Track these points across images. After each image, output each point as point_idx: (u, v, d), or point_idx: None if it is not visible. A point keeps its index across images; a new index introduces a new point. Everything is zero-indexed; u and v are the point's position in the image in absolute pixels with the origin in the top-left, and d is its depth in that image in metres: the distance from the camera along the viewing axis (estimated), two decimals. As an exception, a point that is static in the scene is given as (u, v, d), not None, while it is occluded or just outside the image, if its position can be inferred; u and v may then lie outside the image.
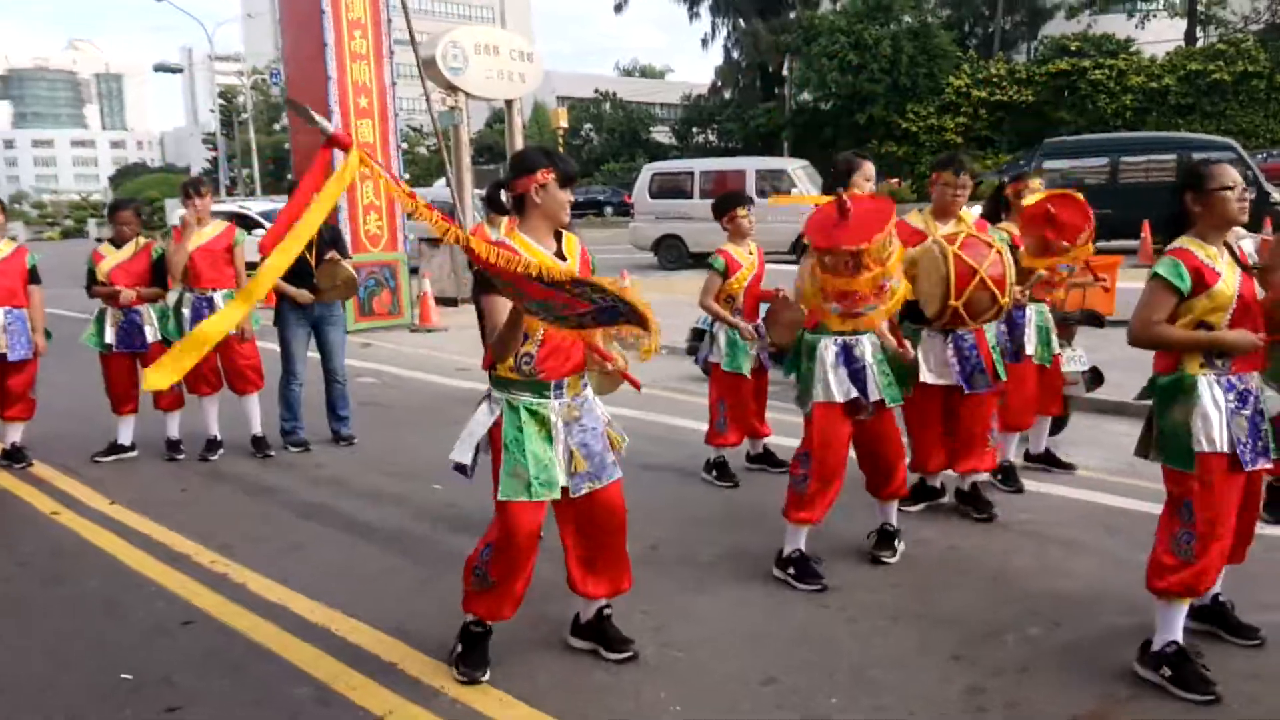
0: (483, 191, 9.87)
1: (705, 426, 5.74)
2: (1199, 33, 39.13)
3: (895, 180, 36.23)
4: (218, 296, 6.25)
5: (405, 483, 5.70)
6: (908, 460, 4.43)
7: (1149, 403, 3.28)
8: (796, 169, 19.25)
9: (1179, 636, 3.17)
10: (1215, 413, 3.08)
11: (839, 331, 4.01)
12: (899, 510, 4.52)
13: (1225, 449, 3.07)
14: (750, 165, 19.88)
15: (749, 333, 5.38)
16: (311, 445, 6.52)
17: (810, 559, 4.11)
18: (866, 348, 4.07)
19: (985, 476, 5.01)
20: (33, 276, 6.10)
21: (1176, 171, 16.27)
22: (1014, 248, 5.16)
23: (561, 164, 3.19)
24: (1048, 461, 5.61)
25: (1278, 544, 4.28)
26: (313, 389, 6.70)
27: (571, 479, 3.19)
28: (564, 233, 3.29)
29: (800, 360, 4.17)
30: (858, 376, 4.02)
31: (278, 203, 18.89)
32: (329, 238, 6.35)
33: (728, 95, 47.99)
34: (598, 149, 52.28)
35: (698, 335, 6.21)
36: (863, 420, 4.09)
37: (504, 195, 3.21)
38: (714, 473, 5.65)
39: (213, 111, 58.87)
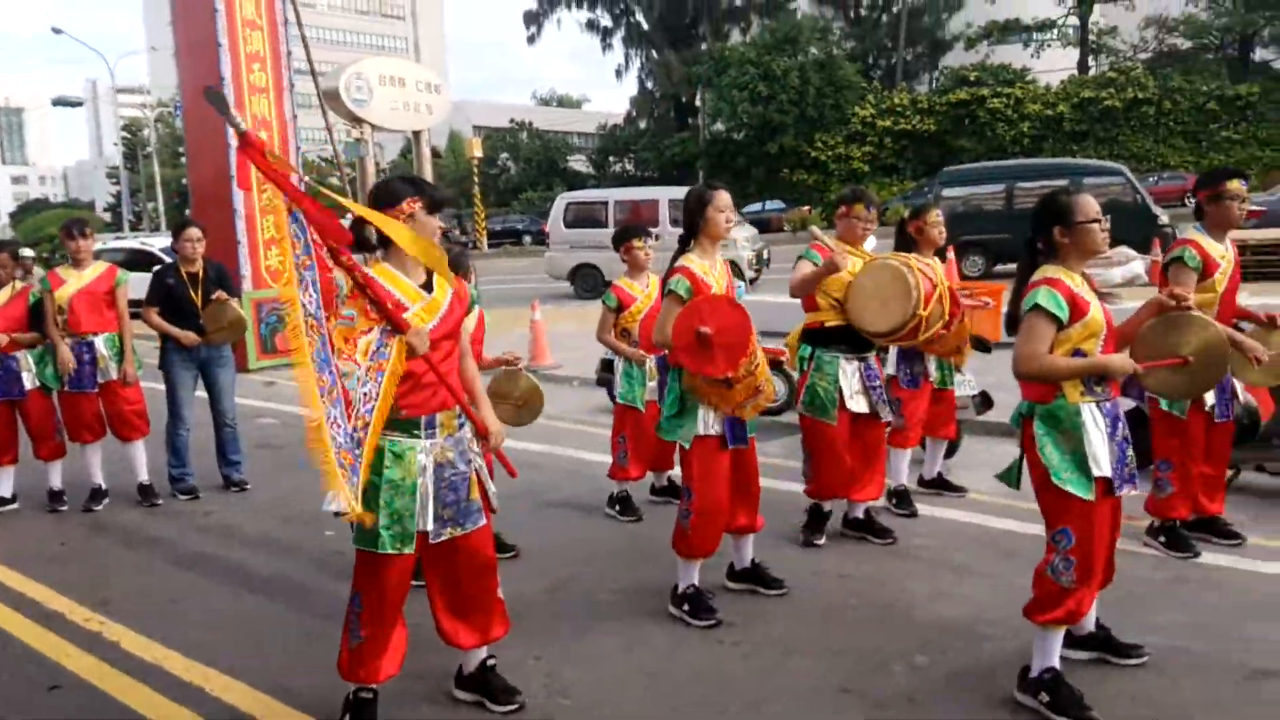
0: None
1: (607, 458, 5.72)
2: (1091, 61, 40.98)
3: (806, 208, 36.99)
4: (99, 341, 6.01)
5: (297, 529, 5.53)
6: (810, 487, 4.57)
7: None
8: (708, 198, 19.49)
9: (1056, 663, 3.21)
10: (1100, 439, 3.12)
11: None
12: (810, 545, 4.71)
13: (1109, 473, 3.11)
14: (664, 195, 20.02)
15: (640, 358, 5.36)
16: (201, 492, 6.29)
17: (704, 594, 4.08)
18: None
19: (881, 502, 5.11)
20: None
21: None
22: None
23: (429, 190, 3.09)
24: (940, 485, 5.71)
25: (1161, 565, 4.42)
26: (204, 432, 6.49)
27: (434, 524, 3.05)
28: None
29: (679, 392, 4.05)
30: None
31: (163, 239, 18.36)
32: (214, 276, 6.17)
33: (643, 125, 48.52)
34: (515, 178, 52.24)
35: (607, 367, 6.17)
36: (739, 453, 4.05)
37: (370, 231, 3.04)
38: (617, 508, 5.61)
39: (116, 145, 57.29)
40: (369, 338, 2.82)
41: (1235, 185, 4.37)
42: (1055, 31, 42.36)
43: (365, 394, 2.80)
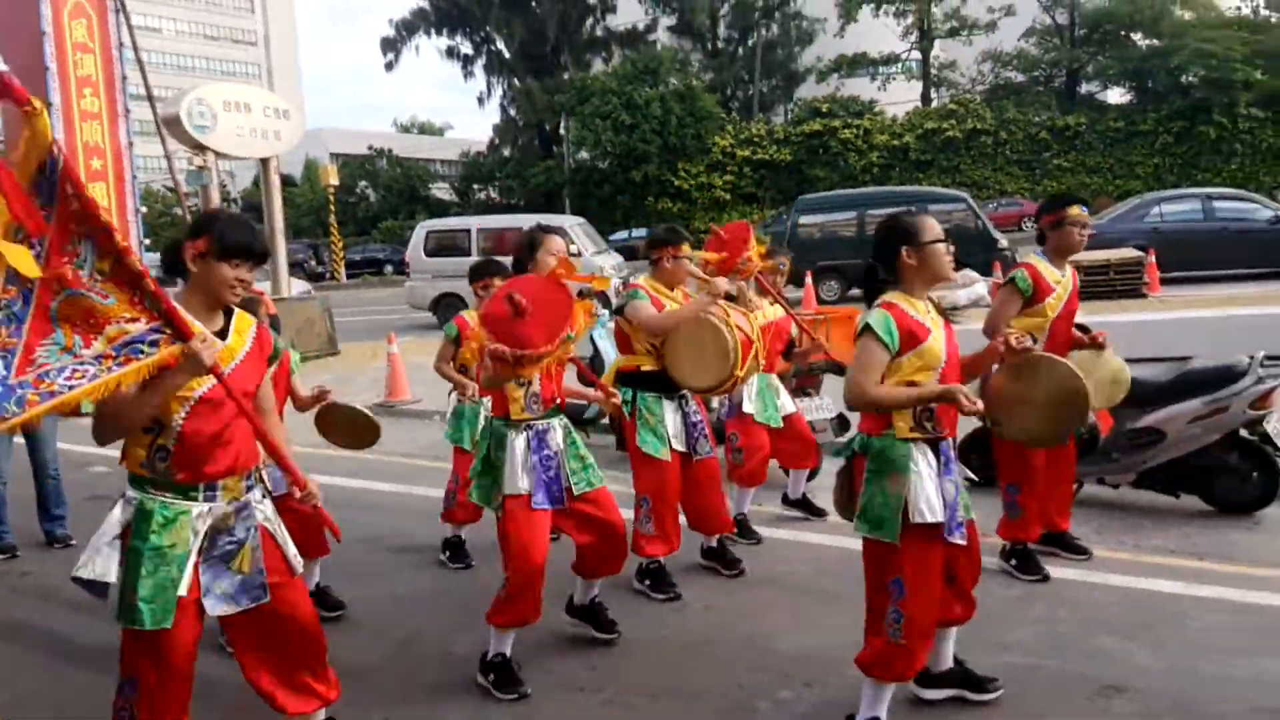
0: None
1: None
2: (933, 94, 43.05)
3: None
4: None
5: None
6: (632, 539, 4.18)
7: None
8: (574, 226, 19.42)
9: (883, 715, 3.11)
10: (929, 481, 2.99)
11: (525, 420, 3.69)
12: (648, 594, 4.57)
13: (940, 518, 2.97)
14: (528, 223, 19.83)
15: (472, 394, 5.02)
16: (20, 550, 5.75)
17: (512, 664, 3.72)
18: (558, 433, 3.75)
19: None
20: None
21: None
22: None
23: (224, 233, 2.69)
24: (803, 507, 5.72)
25: (1012, 585, 4.50)
26: (23, 486, 5.94)
27: (209, 597, 2.71)
28: (236, 311, 2.86)
29: (489, 449, 3.75)
30: (548, 464, 3.67)
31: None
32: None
33: (507, 153, 48.27)
34: (374, 206, 51.05)
35: None
36: (566, 510, 3.74)
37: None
38: (447, 553, 5.30)
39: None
40: (128, 327, 2.43)
41: (1075, 211, 4.42)
42: (900, 65, 44.34)
43: (75, 370, 2.37)
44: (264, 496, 2.92)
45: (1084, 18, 39.57)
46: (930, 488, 2.99)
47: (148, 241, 12.46)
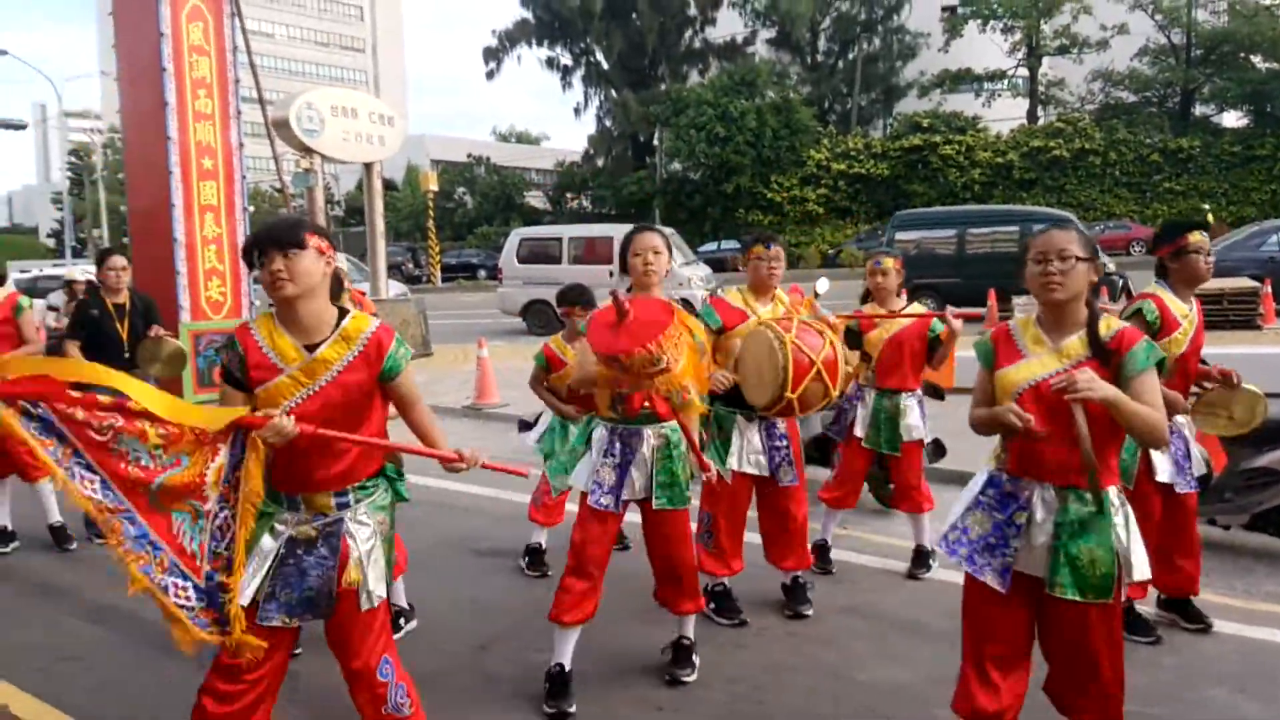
0: (350, 255, 9.43)
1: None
2: (1040, 112, 41.92)
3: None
4: None
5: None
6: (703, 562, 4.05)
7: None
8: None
9: None
10: (967, 495, 2.94)
11: (611, 420, 3.72)
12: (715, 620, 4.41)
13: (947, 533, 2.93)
14: (619, 232, 19.93)
15: (570, 415, 5.04)
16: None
17: (567, 675, 3.69)
18: (646, 442, 3.70)
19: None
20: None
21: (1019, 243, 17.10)
22: (858, 333, 5.12)
23: (250, 240, 2.64)
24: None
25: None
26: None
27: (270, 603, 2.65)
28: (353, 314, 2.72)
29: (586, 438, 3.79)
30: (619, 468, 3.67)
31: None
32: (141, 308, 5.90)
33: (600, 163, 48.70)
34: (471, 212, 52.05)
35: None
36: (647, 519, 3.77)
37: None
38: (526, 559, 5.32)
39: (62, 170, 56.28)
40: (217, 462, 2.49)
41: (1196, 238, 4.04)
42: (1005, 82, 43.33)
43: (220, 524, 2.51)
44: (368, 516, 2.77)
45: (1200, 38, 38.07)
46: (968, 517, 2.97)
47: (254, 239, 12.83)
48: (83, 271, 18.59)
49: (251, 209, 13.05)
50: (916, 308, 5.19)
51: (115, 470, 2.41)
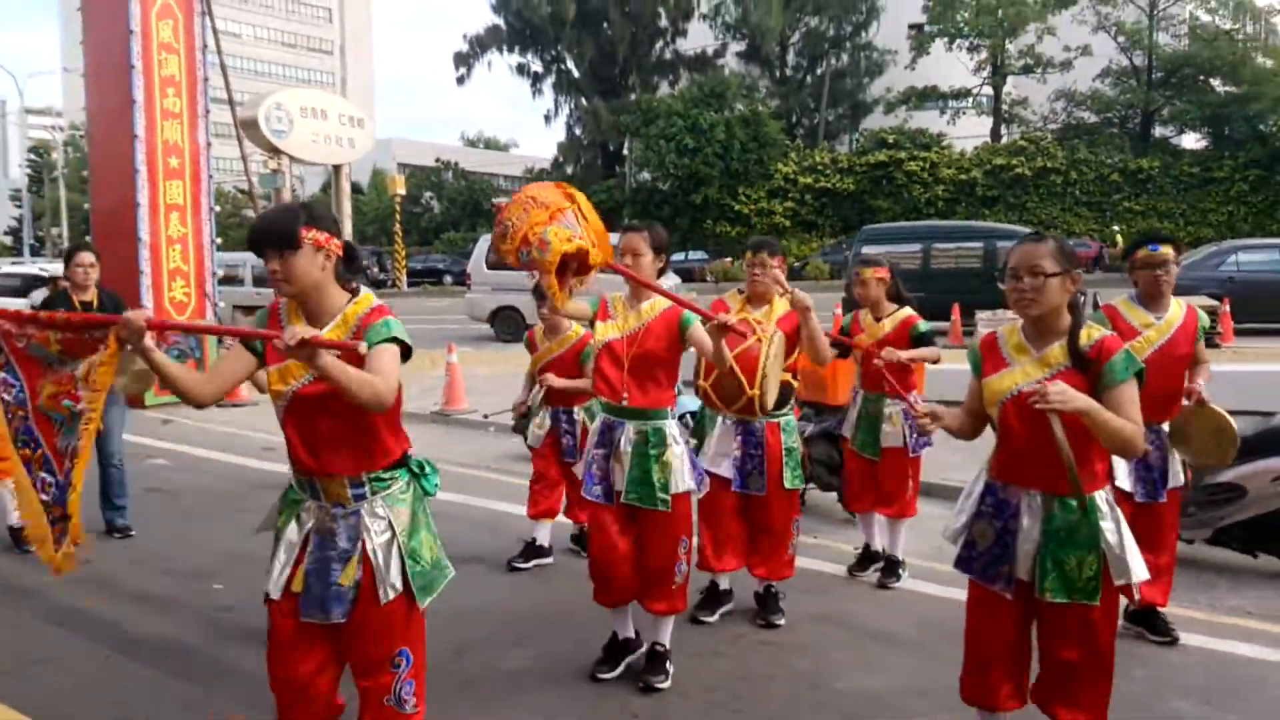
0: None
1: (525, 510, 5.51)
2: (1003, 130, 42.55)
3: (729, 260, 37.42)
4: None
5: (183, 583, 5.14)
6: (686, 564, 3.96)
7: (959, 483, 3.16)
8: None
9: None
10: (968, 503, 2.98)
11: (605, 409, 3.87)
12: (698, 620, 4.43)
13: (956, 545, 2.99)
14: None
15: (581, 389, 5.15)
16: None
17: (621, 640, 3.96)
18: (623, 434, 3.75)
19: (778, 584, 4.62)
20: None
21: (983, 259, 17.32)
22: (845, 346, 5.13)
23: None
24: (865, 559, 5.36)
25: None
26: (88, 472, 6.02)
27: (302, 599, 2.65)
28: (359, 297, 2.66)
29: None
30: (601, 459, 3.80)
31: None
32: (110, 307, 5.75)
33: (570, 170, 48.66)
34: (438, 217, 51.82)
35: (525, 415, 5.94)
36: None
37: None
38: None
39: (22, 167, 55.26)
40: (89, 359, 2.55)
41: (1143, 254, 4.15)
42: (970, 100, 43.91)
43: (85, 423, 2.59)
44: (384, 509, 2.69)
45: (1161, 61, 38.89)
46: (962, 519, 3.02)
47: (219, 241, 12.69)
48: (40, 269, 18.25)
49: (218, 209, 12.92)
50: (906, 312, 5.17)
51: (30, 373, 2.56)
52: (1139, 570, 2.80)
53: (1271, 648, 4.20)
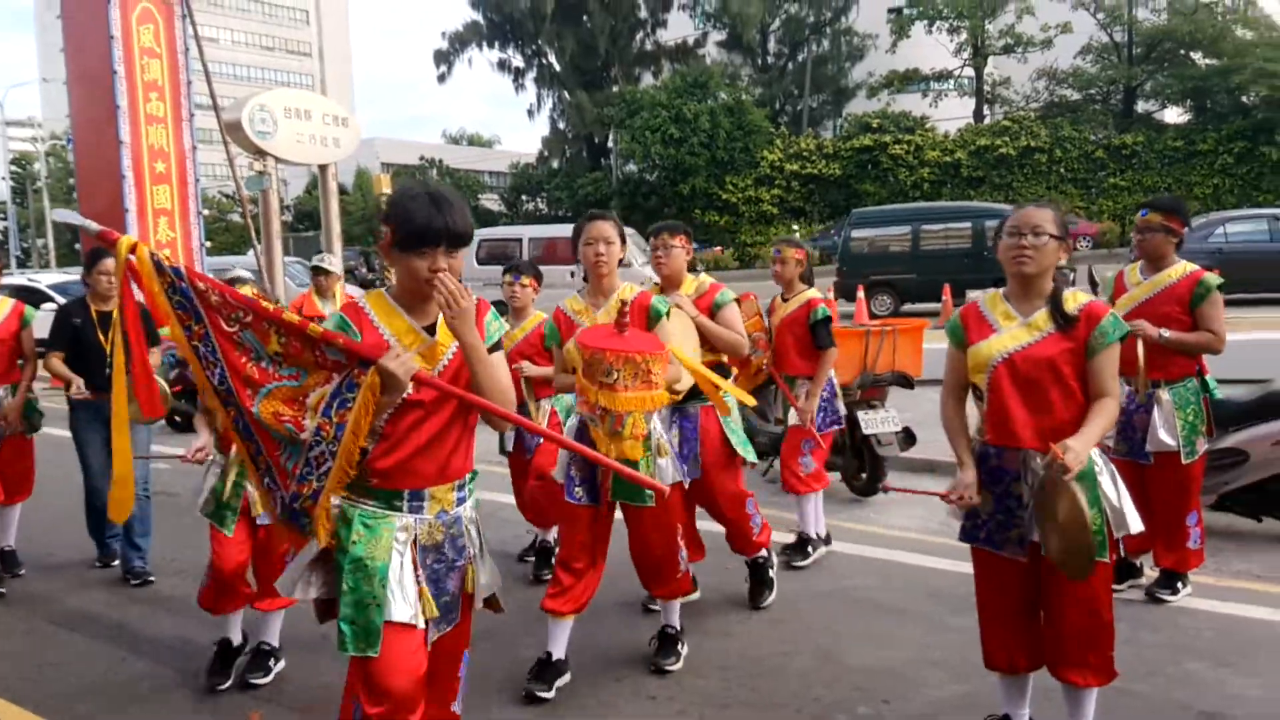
0: (301, 260, 9.29)
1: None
2: (986, 111, 42.56)
3: (719, 249, 37.43)
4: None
5: (192, 584, 5.07)
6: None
7: (956, 460, 3.06)
8: (622, 237, 19.46)
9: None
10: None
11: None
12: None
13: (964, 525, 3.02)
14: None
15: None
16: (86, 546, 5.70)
17: (552, 661, 3.69)
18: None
19: (764, 553, 4.52)
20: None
21: (972, 239, 17.35)
22: None
23: (403, 218, 2.37)
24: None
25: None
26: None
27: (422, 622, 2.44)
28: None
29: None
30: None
31: (72, 275, 17.44)
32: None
33: (555, 164, 48.56)
34: (424, 217, 51.57)
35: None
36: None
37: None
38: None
39: (4, 179, 54.90)
40: (324, 389, 2.30)
41: (1136, 219, 4.50)
42: (952, 82, 43.91)
43: (316, 455, 2.30)
44: (474, 507, 2.61)
45: (1142, 36, 38.91)
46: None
47: (208, 245, 12.63)
48: (29, 279, 18.12)
49: (206, 213, 12.84)
50: (811, 293, 5.12)
51: (235, 363, 2.34)
52: (1135, 522, 2.86)
53: (1280, 609, 4.24)
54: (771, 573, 4.58)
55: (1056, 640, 2.91)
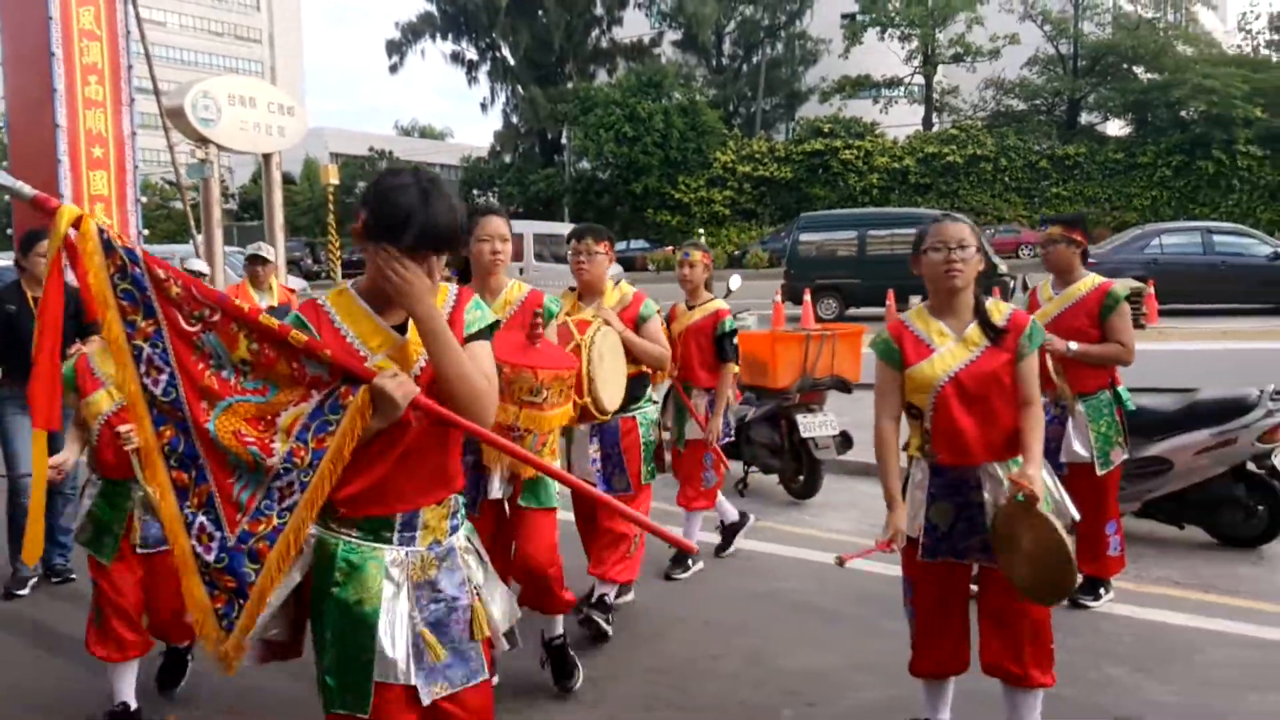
0: (244, 249, 9.15)
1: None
2: (935, 118, 43.19)
3: (670, 248, 37.47)
4: None
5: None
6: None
7: (886, 498, 3.16)
8: (571, 235, 19.43)
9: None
10: (918, 494, 3.02)
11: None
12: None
13: (915, 534, 2.99)
14: (529, 229, 19.90)
15: None
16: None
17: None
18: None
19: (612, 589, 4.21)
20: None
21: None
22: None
23: (381, 206, 2.02)
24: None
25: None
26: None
27: (419, 674, 2.08)
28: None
29: None
30: (477, 465, 3.37)
31: (3, 259, 16.94)
32: (72, 308, 5.31)
33: (508, 159, 48.30)
34: (373, 209, 50.97)
35: None
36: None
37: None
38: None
39: (-67, 158, 53.19)
40: (299, 408, 1.98)
41: (1041, 235, 4.64)
42: (902, 89, 44.49)
43: (282, 486, 1.99)
44: (469, 534, 2.27)
45: (1086, 49, 39.78)
46: (915, 501, 3.02)
47: (146, 233, 12.35)
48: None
49: (145, 200, 12.56)
50: (718, 304, 5.05)
51: (191, 370, 1.99)
52: (1073, 510, 3.00)
53: (1199, 615, 4.35)
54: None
55: (1015, 643, 2.95)
